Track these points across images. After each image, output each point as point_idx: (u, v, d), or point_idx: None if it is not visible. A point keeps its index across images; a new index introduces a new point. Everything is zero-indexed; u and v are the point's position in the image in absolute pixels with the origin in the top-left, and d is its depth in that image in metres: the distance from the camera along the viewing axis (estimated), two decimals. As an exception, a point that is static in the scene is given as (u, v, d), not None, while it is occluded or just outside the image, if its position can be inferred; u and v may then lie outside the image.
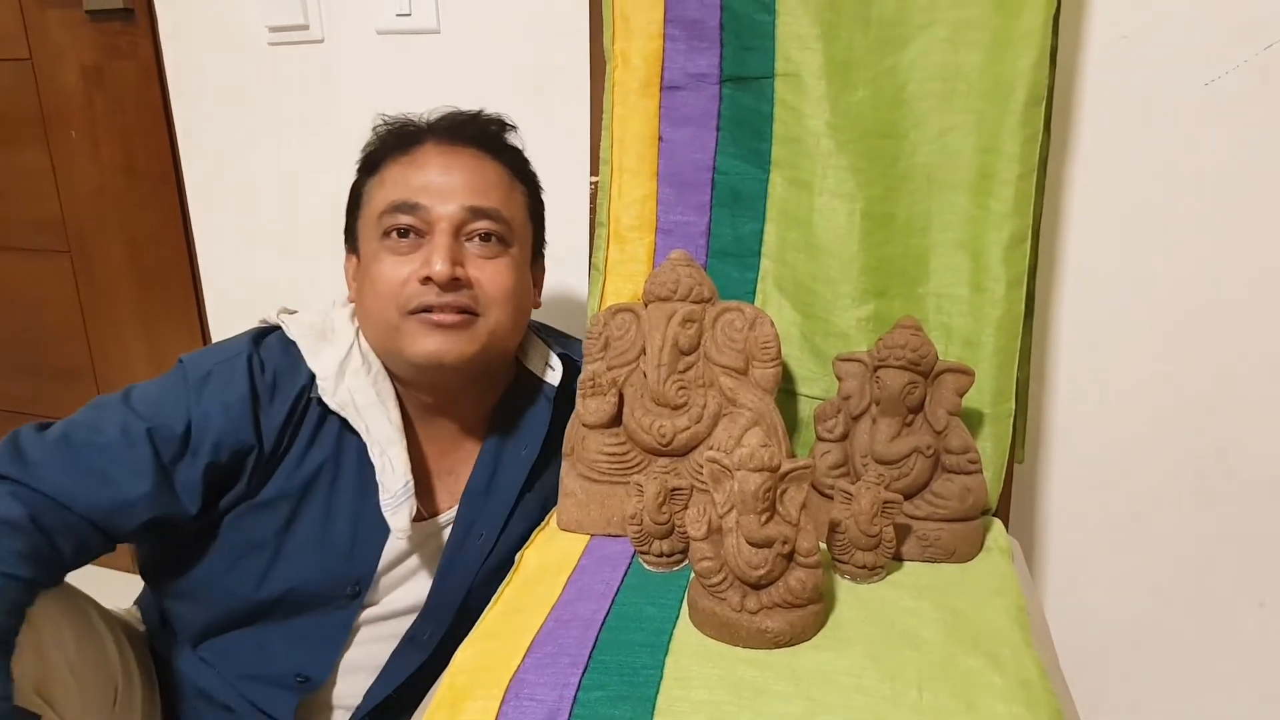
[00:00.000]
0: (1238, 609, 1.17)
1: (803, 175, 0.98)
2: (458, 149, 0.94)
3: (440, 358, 0.89)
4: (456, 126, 0.96)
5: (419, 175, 0.92)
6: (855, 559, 0.78)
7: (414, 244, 0.91)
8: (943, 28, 0.94)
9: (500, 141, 0.98)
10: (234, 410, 0.88)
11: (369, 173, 0.97)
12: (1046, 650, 0.75)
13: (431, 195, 0.90)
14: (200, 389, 0.88)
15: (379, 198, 0.93)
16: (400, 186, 0.92)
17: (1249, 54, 0.99)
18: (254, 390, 0.90)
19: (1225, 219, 1.05)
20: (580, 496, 0.89)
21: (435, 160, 0.93)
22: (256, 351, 0.92)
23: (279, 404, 0.91)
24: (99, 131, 1.62)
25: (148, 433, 0.85)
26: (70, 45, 1.58)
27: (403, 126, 0.97)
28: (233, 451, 0.88)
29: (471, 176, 0.93)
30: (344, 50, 1.40)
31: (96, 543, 0.84)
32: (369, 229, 0.94)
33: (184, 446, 0.87)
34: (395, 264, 0.90)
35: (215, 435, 0.87)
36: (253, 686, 0.94)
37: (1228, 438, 1.11)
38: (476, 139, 0.96)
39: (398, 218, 0.91)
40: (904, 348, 0.83)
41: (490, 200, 0.92)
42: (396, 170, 0.93)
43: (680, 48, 1.00)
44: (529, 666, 0.67)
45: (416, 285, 0.89)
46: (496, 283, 0.92)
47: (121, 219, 1.66)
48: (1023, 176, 0.93)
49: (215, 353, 0.93)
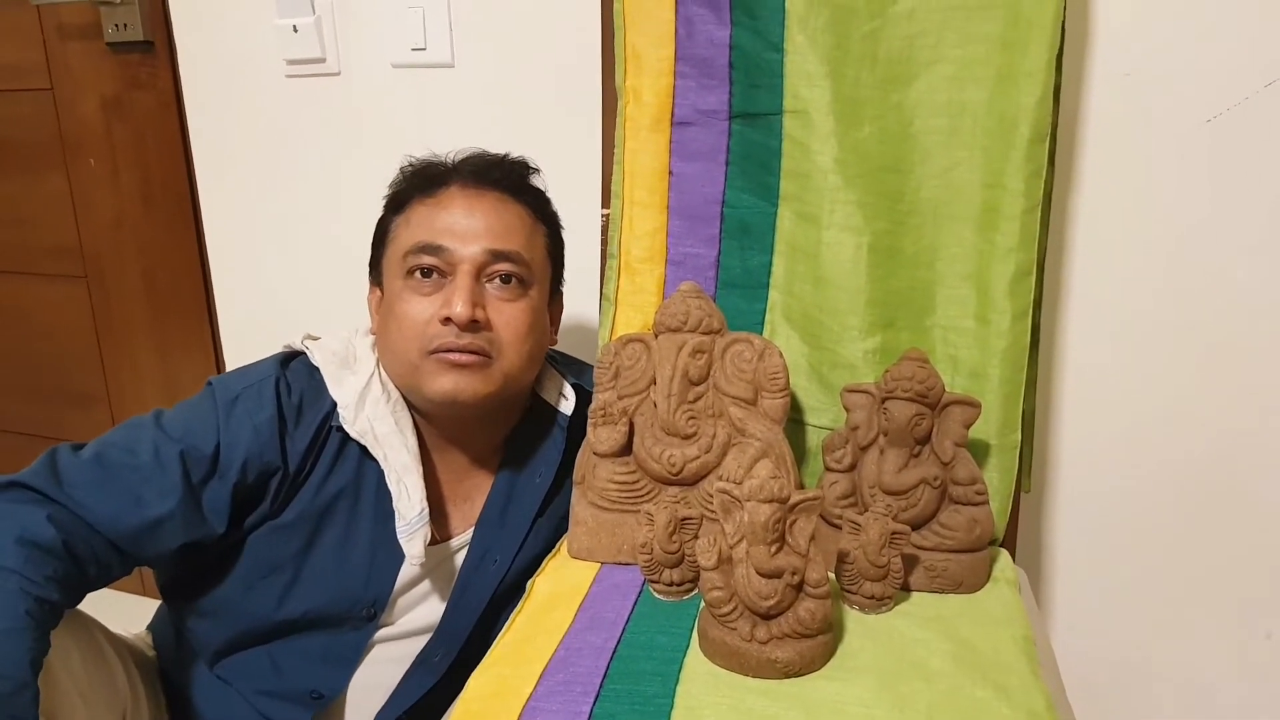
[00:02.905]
0: (1245, 640, 1.17)
1: (810, 209, 1.00)
2: (482, 192, 0.96)
3: (456, 396, 0.91)
4: (482, 170, 0.98)
5: (444, 217, 0.94)
6: (864, 589, 0.79)
7: (437, 284, 0.93)
8: (948, 65, 0.96)
9: (523, 184, 1.00)
10: (262, 432, 0.90)
11: (395, 211, 0.99)
12: (1053, 681, 0.76)
13: (455, 237, 0.92)
14: (229, 411, 0.90)
15: (404, 237, 0.95)
16: (425, 228, 0.94)
17: (1249, 91, 1.01)
18: (281, 413, 0.92)
19: (1227, 253, 1.06)
20: (591, 524, 0.90)
21: (460, 203, 0.95)
22: (284, 375, 0.95)
23: (304, 428, 0.93)
24: (118, 160, 1.64)
25: (180, 455, 0.87)
26: (91, 76, 1.60)
27: (429, 167, 1.00)
28: (259, 473, 0.90)
29: (494, 219, 0.94)
30: (360, 83, 1.43)
31: (117, 567, 0.86)
32: (393, 266, 0.96)
33: (213, 467, 0.89)
34: (418, 303, 0.92)
35: (243, 456, 0.89)
36: (268, 703, 0.96)
37: (1234, 468, 1.12)
38: (500, 182, 0.98)
39: (422, 258, 0.93)
40: (911, 379, 0.84)
41: (511, 243, 0.94)
42: (422, 211, 0.95)
43: (690, 85, 1.02)
44: (541, 694, 0.67)
45: (438, 325, 0.91)
46: (513, 326, 0.94)
47: (139, 246, 1.68)
48: (1027, 211, 0.94)
49: (243, 376, 0.95)
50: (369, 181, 1.04)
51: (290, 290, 1.59)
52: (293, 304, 1.59)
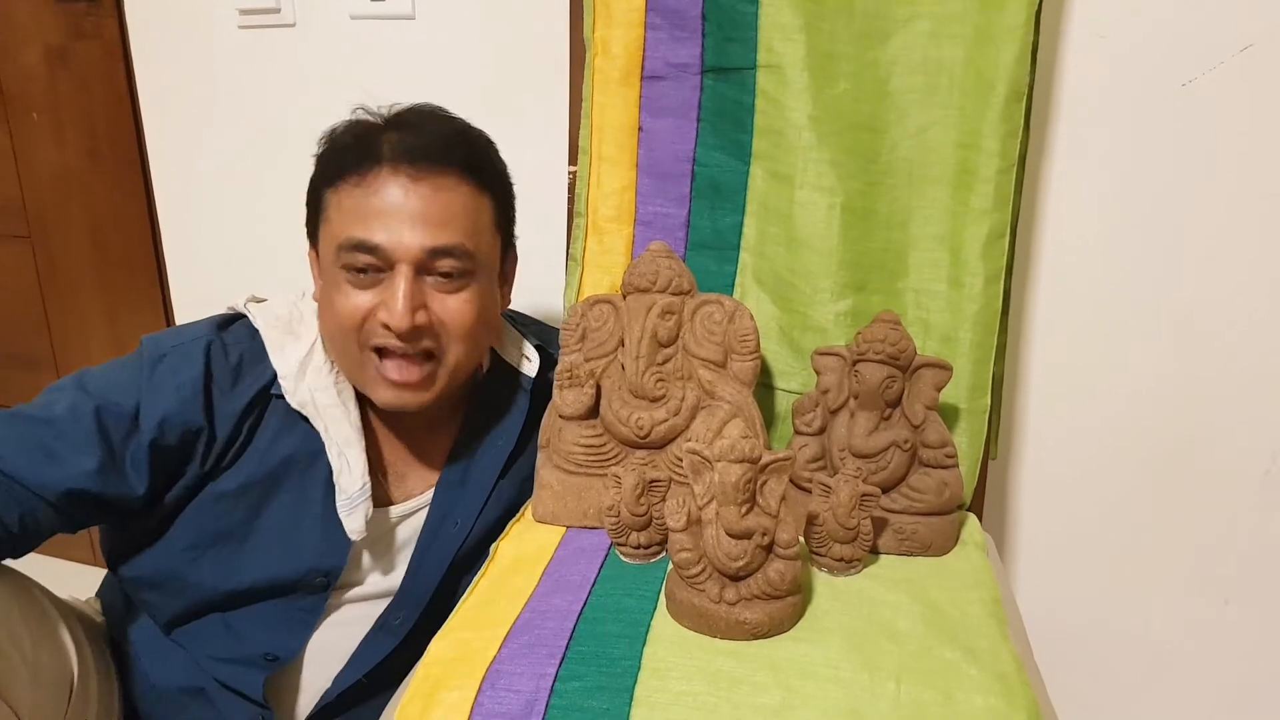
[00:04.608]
0: (1204, 606, 1.19)
1: (783, 168, 0.98)
2: (416, 178, 0.86)
3: (402, 407, 0.91)
4: (412, 152, 0.87)
5: (377, 205, 0.86)
6: (833, 552, 0.78)
7: (374, 279, 0.87)
8: (926, 21, 0.94)
9: (459, 153, 0.89)
10: (184, 391, 0.87)
11: (326, 182, 0.90)
12: (1021, 643, 0.76)
13: (389, 231, 0.85)
14: (153, 369, 0.88)
15: (336, 222, 0.88)
16: (357, 219, 0.86)
17: (1226, 56, 1.00)
18: (209, 373, 0.89)
19: (1200, 219, 1.06)
20: (556, 488, 0.89)
21: (393, 190, 0.86)
22: (219, 337, 0.92)
23: (241, 390, 0.90)
24: (62, 114, 1.58)
25: (95, 410, 0.84)
26: (33, 25, 1.54)
27: (361, 136, 0.89)
28: (181, 433, 0.87)
29: (432, 208, 0.86)
30: (316, 35, 1.38)
31: (49, 519, 0.83)
32: (328, 250, 0.89)
33: (132, 425, 0.86)
34: (355, 296, 0.87)
35: (161, 414, 0.86)
36: (222, 667, 0.93)
37: (1198, 436, 1.13)
38: (433, 156, 0.87)
39: (356, 257, 0.86)
40: (883, 342, 0.83)
41: (453, 235, 0.87)
42: (355, 196, 0.87)
43: (661, 37, 1.00)
44: (505, 657, 0.66)
45: (376, 324, 0.87)
46: (458, 320, 0.89)
47: (84, 204, 1.63)
48: (1002, 172, 0.93)
49: (176, 335, 0.92)
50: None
51: (243, 249, 1.54)
52: (246, 263, 1.54)
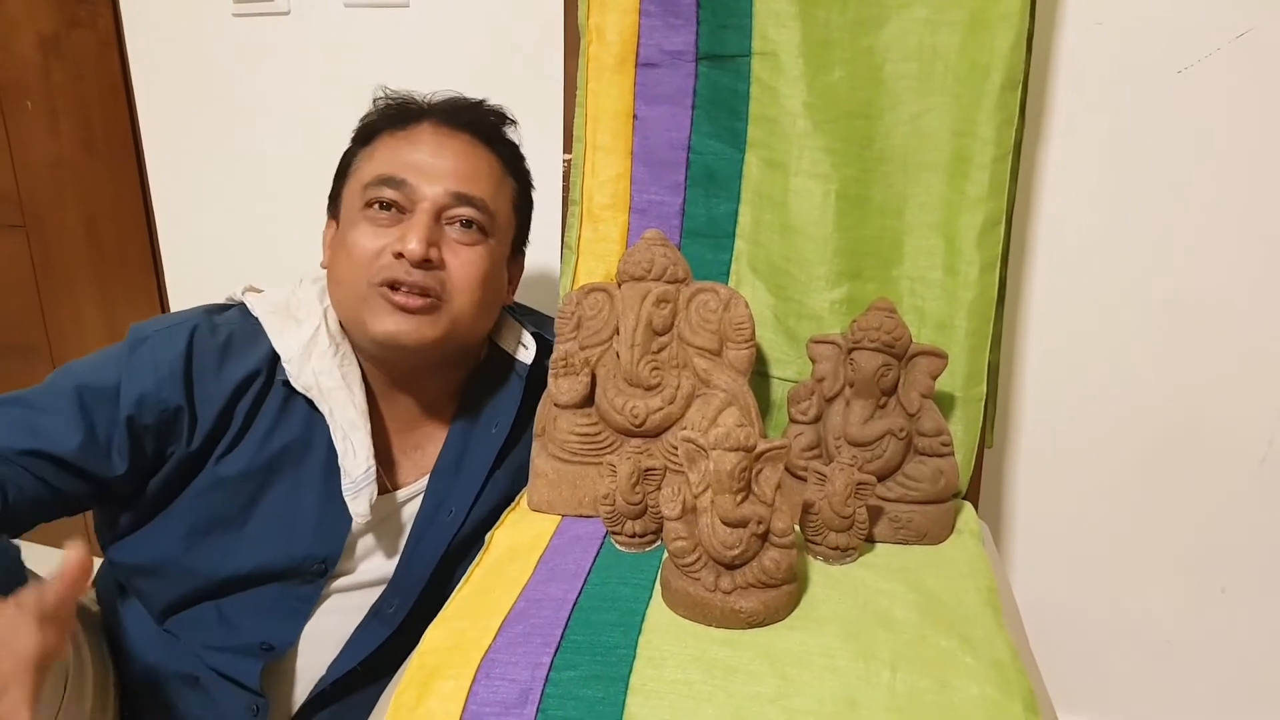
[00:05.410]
0: (1200, 593, 1.19)
1: (778, 156, 0.98)
2: (454, 132, 0.94)
3: (399, 339, 0.89)
4: (456, 111, 0.96)
5: (411, 153, 0.92)
6: (828, 540, 0.78)
7: (394, 218, 0.90)
8: (921, 8, 0.94)
9: (497, 133, 0.98)
10: (161, 369, 0.87)
11: (362, 143, 0.96)
12: (1017, 631, 0.75)
13: (419, 174, 0.90)
14: (136, 350, 0.88)
15: (367, 169, 0.93)
16: (390, 161, 0.92)
17: (1221, 43, 1.00)
18: (190, 354, 0.89)
19: (1195, 207, 1.06)
20: (551, 477, 0.88)
21: (429, 140, 0.93)
22: (208, 320, 0.92)
23: (229, 371, 0.90)
24: (57, 103, 1.57)
25: (75, 389, 0.85)
26: (27, 14, 1.53)
27: (404, 103, 0.97)
28: (159, 412, 0.87)
29: (462, 162, 0.92)
30: (311, 23, 1.37)
31: (38, 493, 0.83)
32: (353, 197, 0.93)
33: (111, 403, 0.86)
34: (372, 234, 0.90)
35: (138, 392, 0.86)
36: (218, 656, 0.93)
37: (1192, 424, 1.13)
38: (473, 125, 0.95)
39: (383, 190, 0.90)
40: (878, 330, 0.83)
41: (477, 189, 0.92)
42: (390, 144, 0.93)
43: (656, 24, 0.99)
44: (500, 646, 0.66)
45: (389, 258, 0.89)
46: (467, 270, 0.92)
47: (79, 193, 1.62)
48: (998, 160, 0.93)
49: (164, 320, 0.93)
50: (319, 126, 1.01)
51: (238, 238, 1.54)
52: (241, 252, 1.54)
